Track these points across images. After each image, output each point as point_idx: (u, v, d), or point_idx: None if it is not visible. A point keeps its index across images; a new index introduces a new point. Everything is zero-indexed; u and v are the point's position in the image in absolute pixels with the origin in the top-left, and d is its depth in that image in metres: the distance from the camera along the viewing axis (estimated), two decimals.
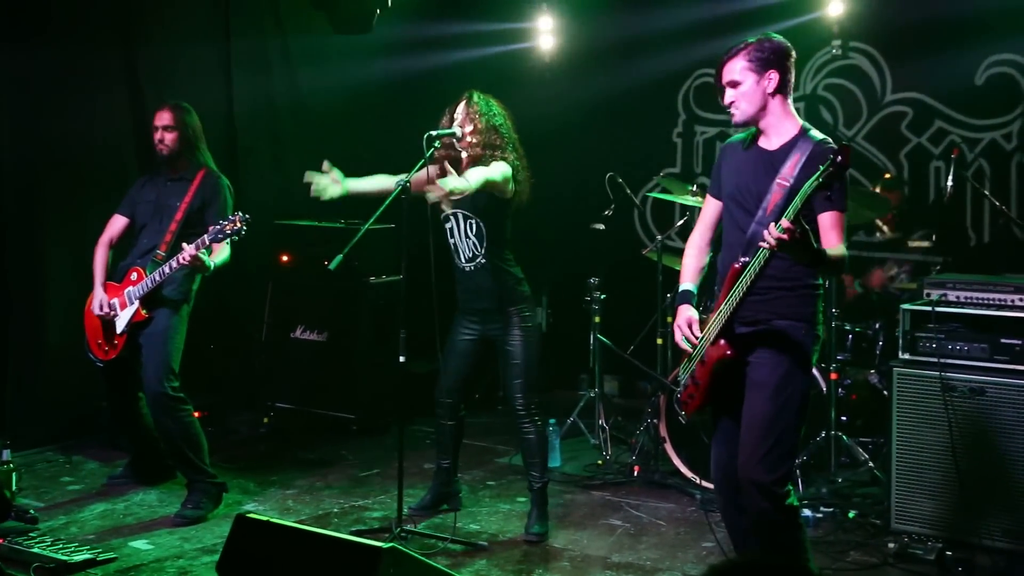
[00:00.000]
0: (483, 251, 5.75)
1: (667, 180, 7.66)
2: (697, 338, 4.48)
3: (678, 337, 4.56)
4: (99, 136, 7.59)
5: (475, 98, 5.79)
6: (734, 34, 8.35)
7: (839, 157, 3.98)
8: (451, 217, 5.81)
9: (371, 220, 5.52)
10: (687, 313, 4.55)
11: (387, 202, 5.51)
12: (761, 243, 4.10)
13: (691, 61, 8.98)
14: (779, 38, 4.51)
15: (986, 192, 7.35)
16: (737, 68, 4.43)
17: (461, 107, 5.78)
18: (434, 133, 5.62)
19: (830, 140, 4.43)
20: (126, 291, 6.12)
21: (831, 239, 4.31)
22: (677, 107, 9.14)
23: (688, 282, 4.68)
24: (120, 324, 6.14)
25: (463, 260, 5.81)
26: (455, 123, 5.74)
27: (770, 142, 4.49)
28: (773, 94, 4.44)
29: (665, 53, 8.90)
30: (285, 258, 8.24)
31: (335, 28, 8.91)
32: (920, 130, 8.06)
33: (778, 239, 3.99)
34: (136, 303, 6.08)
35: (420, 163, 5.58)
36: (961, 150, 7.61)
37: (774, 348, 4.39)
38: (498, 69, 9.23)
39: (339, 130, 8.90)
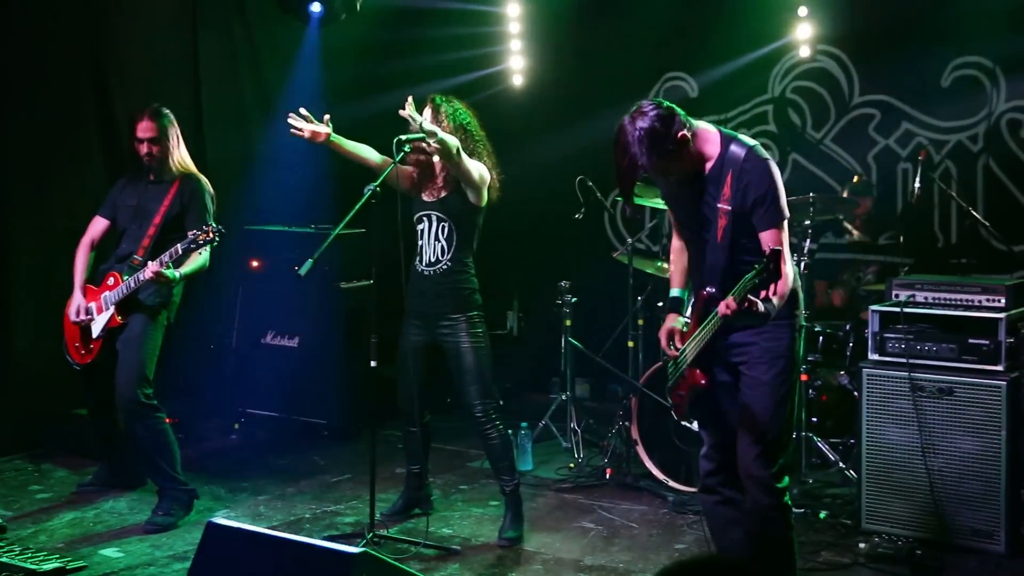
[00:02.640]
0: (448, 256, 5.75)
1: (638, 186, 7.66)
2: (677, 350, 4.53)
3: (664, 346, 4.63)
4: (64, 136, 7.53)
5: (438, 101, 5.81)
6: (706, 38, 8.51)
7: (772, 264, 4.03)
8: (424, 218, 5.81)
9: (341, 225, 5.51)
10: (669, 324, 4.60)
11: (357, 207, 5.50)
12: (721, 312, 4.19)
13: (661, 64, 9.02)
14: (653, 120, 4.30)
15: (953, 194, 7.41)
16: (659, 166, 4.32)
17: (427, 113, 5.78)
18: (404, 137, 5.61)
19: (757, 144, 4.40)
20: (103, 296, 6.10)
21: (781, 285, 4.28)
22: None
23: (676, 287, 4.73)
24: (96, 328, 6.11)
25: (424, 263, 5.80)
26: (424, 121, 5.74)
27: (703, 165, 4.42)
28: (691, 138, 4.33)
29: (635, 56, 8.94)
30: (255, 264, 8.21)
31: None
32: (887, 132, 8.11)
33: (723, 316, 4.16)
34: (111, 308, 6.06)
35: (389, 167, 5.57)
36: (928, 152, 7.66)
37: (765, 348, 4.43)
38: (468, 73, 9.25)
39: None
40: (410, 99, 5.55)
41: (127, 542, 5.77)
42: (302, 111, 5.79)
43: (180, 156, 6.27)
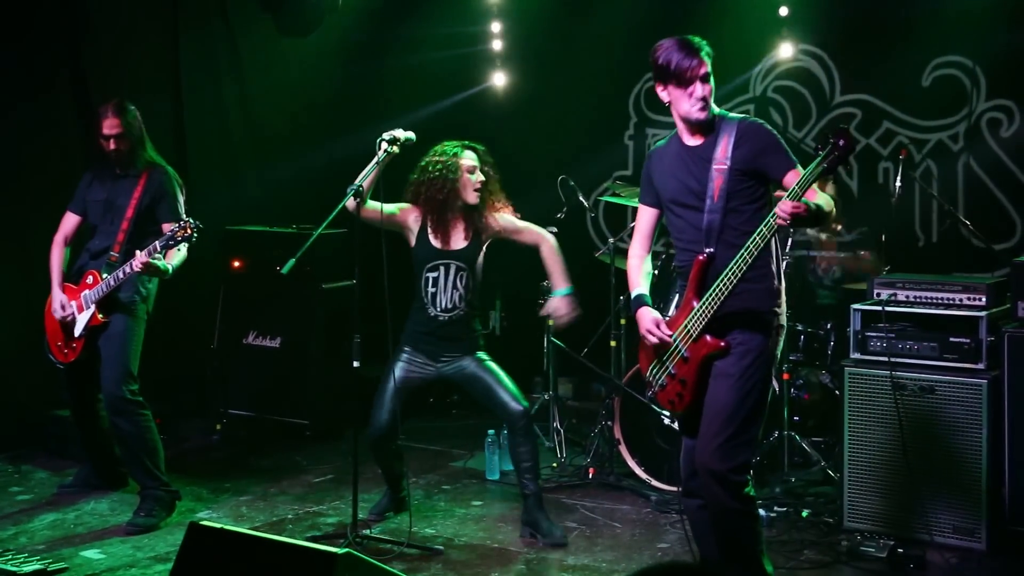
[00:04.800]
0: (465, 302, 5.82)
1: (619, 185, 7.69)
2: (669, 336, 4.50)
3: (651, 341, 4.57)
4: (44, 137, 7.48)
5: (480, 150, 5.90)
6: (686, 36, 8.50)
7: (841, 141, 4.09)
8: (440, 266, 5.82)
9: (324, 224, 5.48)
10: (650, 315, 4.58)
11: (339, 207, 5.48)
12: (778, 221, 4.21)
13: (642, 63, 8.97)
14: None
15: (934, 193, 7.43)
16: (709, 64, 4.51)
17: (472, 162, 5.84)
18: (387, 136, 5.57)
19: (749, 115, 4.59)
20: (82, 294, 6.07)
21: (810, 193, 4.32)
22: (628, 110, 9.17)
23: (638, 288, 4.72)
24: (78, 327, 6.09)
25: (438, 309, 5.81)
26: (476, 169, 5.82)
27: (695, 138, 4.57)
28: None
29: (616, 55, 8.94)
30: (237, 264, 8.18)
31: (280, 29, 8.83)
32: (868, 131, 8.13)
33: (793, 214, 4.16)
34: (92, 307, 6.03)
35: (370, 167, 5.53)
36: (909, 151, 7.68)
37: (740, 339, 4.43)
38: (449, 73, 9.25)
39: (290, 134, 8.85)
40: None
41: (108, 543, 5.74)
42: None
43: (145, 148, 6.24)
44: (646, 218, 4.77)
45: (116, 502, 6.37)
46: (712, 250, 4.42)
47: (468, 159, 5.84)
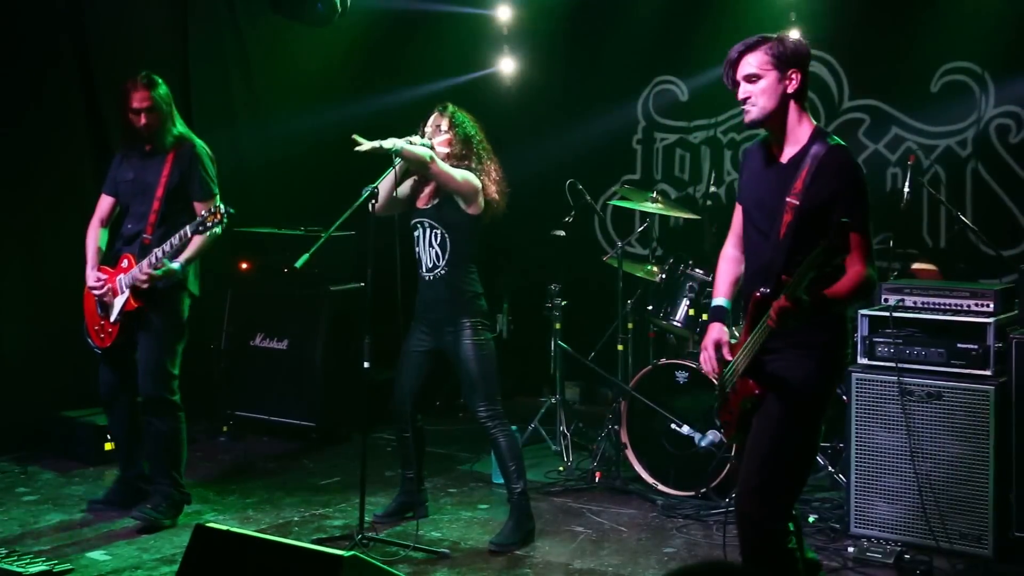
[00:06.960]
0: (444, 262, 5.77)
1: (627, 190, 7.69)
2: (724, 362, 4.28)
3: (703, 359, 4.36)
4: (52, 136, 7.48)
5: (450, 109, 5.83)
6: (696, 42, 8.52)
7: (835, 248, 3.71)
8: (418, 225, 5.85)
9: (339, 222, 5.50)
10: (715, 334, 4.35)
11: (351, 209, 5.50)
12: (768, 323, 3.91)
13: (652, 68, 9.03)
14: (799, 38, 4.30)
15: (942, 198, 7.42)
16: (756, 62, 4.18)
17: (435, 118, 5.83)
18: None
19: (845, 144, 4.19)
20: (118, 278, 5.98)
21: (852, 261, 4.01)
22: (637, 114, 9.17)
23: (721, 296, 4.45)
24: (113, 313, 6.01)
25: (424, 269, 5.84)
26: (427, 134, 5.77)
27: (783, 152, 4.24)
28: (791, 96, 4.20)
29: (625, 59, 8.94)
30: (244, 265, 8.19)
31: (292, 17, 8.77)
32: (877, 137, 8.12)
33: (778, 318, 3.86)
34: (127, 292, 5.94)
35: (388, 171, 5.56)
36: (917, 156, 7.68)
37: (785, 379, 4.14)
38: (458, 76, 9.25)
39: (299, 135, 8.85)
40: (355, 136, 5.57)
41: (114, 545, 5.74)
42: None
43: (175, 124, 6.11)
44: (740, 218, 4.46)
45: None
46: (768, 290, 4.03)
47: (431, 121, 5.85)
